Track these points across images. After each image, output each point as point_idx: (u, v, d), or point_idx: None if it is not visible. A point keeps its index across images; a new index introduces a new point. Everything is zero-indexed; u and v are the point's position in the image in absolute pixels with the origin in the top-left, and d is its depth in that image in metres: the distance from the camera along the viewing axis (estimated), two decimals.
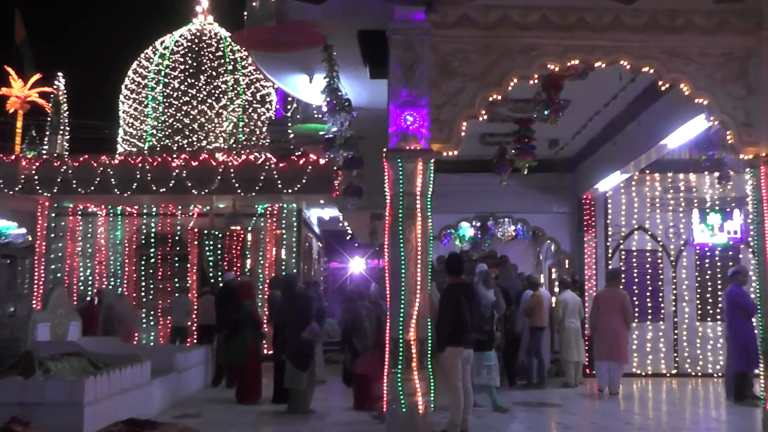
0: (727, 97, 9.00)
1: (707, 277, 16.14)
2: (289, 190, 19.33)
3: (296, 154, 19.50)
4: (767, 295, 8.80)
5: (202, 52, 23.81)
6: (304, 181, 19.27)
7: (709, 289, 16.06)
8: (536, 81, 9.16)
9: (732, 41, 9.02)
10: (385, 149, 8.53)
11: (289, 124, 19.43)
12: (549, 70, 8.98)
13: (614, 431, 10.25)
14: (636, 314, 14.83)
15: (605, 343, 13.27)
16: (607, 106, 12.62)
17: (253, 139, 23.22)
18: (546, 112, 9.91)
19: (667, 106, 11.16)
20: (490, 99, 8.72)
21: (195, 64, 23.57)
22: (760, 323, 8.94)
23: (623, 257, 16.14)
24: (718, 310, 15.24)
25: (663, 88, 9.47)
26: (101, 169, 19.67)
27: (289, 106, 21.13)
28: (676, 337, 16.00)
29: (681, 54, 8.95)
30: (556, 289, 17.63)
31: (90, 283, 20.60)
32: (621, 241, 16.21)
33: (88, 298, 18.69)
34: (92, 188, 19.60)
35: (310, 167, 19.30)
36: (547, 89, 9.65)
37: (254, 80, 23.65)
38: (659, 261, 16.19)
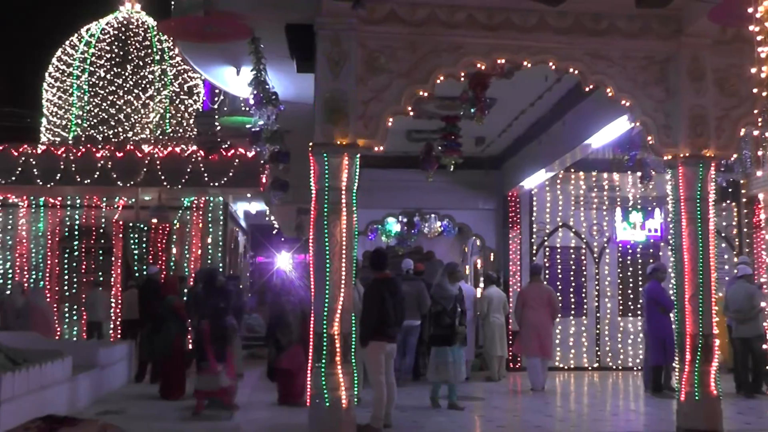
0: (647, 100, 9.24)
1: (629, 273, 16.56)
2: (216, 183, 19.11)
3: (223, 146, 19.29)
4: (683, 291, 9.06)
5: (129, 41, 23.30)
6: (230, 174, 19.05)
7: (631, 285, 16.47)
8: (463, 79, 9.25)
9: (653, 45, 9.26)
10: (311, 143, 8.52)
11: (216, 117, 19.20)
12: (475, 69, 9.08)
13: (536, 423, 10.41)
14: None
15: (534, 338, 13.39)
16: (533, 105, 12.82)
17: (180, 130, 22.88)
18: (472, 110, 10.04)
19: (591, 106, 11.38)
20: (417, 96, 8.78)
21: (121, 53, 23.07)
22: (677, 318, 9.20)
23: (547, 254, 16.44)
24: (639, 306, 15.61)
25: (587, 89, 9.66)
26: (23, 158, 19.13)
27: (216, 98, 20.90)
28: (598, 331, 16.37)
29: (604, 56, 9.16)
30: (481, 285, 17.82)
31: (10, 276, 20.06)
32: (545, 238, 16.50)
33: (8, 292, 18.20)
34: (13, 178, 19.06)
35: (237, 160, 19.11)
36: (474, 87, 9.77)
37: (182, 71, 23.24)
38: (583, 258, 16.54)
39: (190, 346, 13.45)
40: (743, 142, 12.49)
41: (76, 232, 20.35)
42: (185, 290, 15.58)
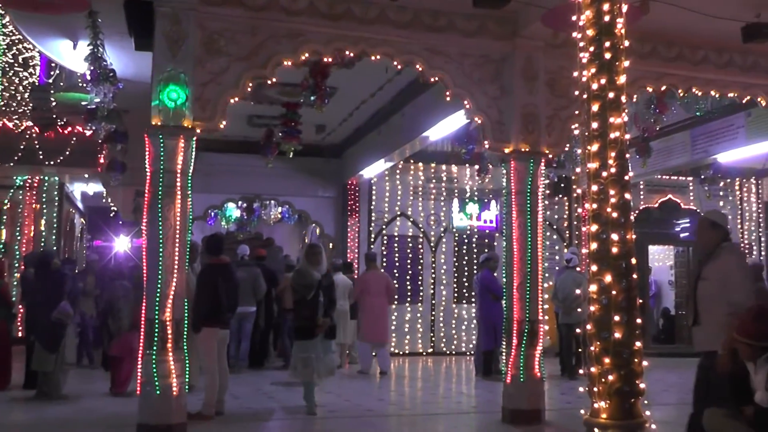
0: (483, 96, 9.57)
1: (464, 262, 17.11)
2: (51, 162, 18.31)
3: (59, 123, 18.49)
4: (513, 280, 9.46)
5: None
6: (67, 152, 18.29)
7: (465, 273, 17.02)
8: (304, 66, 9.27)
9: (489, 44, 9.59)
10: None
11: (52, 92, 18.41)
12: (315, 57, 9.12)
13: (368, 407, 10.58)
14: (396, 296, 15.38)
15: (372, 324, 13.65)
16: (374, 96, 13.02)
17: (14, 105, 21.77)
18: (312, 98, 10.08)
19: (429, 100, 11.68)
20: (255, 81, 8.74)
21: None
22: (507, 305, 9.60)
23: (385, 242, 16.77)
24: (473, 294, 16.13)
25: (426, 83, 9.87)
26: None
27: (52, 72, 20.01)
28: (433, 318, 16.86)
29: (442, 52, 9.40)
30: None
31: None
32: (384, 227, 16.83)
33: None
34: None
35: (74, 139, 18.38)
36: (314, 75, 9.81)
37: (16, 41, 22.11)
38: (420, 246, 16.96)
39: (20, 334, 12.89)
40: (574, 141, 13.14)
41: None
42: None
